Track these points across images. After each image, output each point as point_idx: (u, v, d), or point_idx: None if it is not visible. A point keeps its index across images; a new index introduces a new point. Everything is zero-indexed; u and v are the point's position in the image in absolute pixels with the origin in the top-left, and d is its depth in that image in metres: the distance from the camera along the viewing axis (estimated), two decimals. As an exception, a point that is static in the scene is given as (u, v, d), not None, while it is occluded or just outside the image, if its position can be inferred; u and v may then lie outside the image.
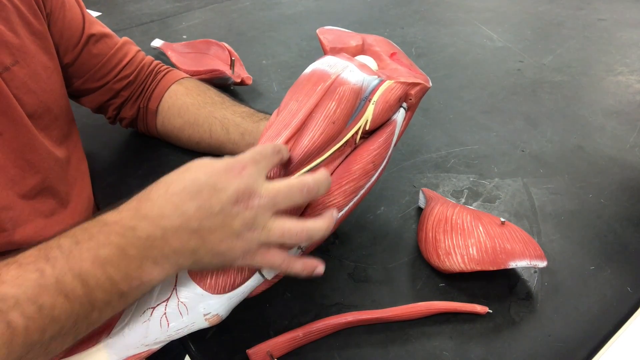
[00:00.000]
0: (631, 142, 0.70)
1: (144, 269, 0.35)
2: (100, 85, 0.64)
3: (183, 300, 0.40)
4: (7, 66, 0.49)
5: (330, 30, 0.54)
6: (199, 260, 0.36)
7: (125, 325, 0.40)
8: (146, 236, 0.35)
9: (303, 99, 0.45)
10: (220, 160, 0.37)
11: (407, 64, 0.53)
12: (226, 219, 0.35)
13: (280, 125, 0.44)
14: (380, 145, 0.46)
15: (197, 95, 0.66)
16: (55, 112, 0.55)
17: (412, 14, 1.16)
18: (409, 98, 0.48)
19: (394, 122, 0.48)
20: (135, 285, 0.35)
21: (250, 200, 0.36)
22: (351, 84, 0.45)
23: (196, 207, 0.35)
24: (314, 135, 0.43)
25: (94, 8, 1.23)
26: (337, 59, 0.47)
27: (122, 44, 0.65)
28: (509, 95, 0.83)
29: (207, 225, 0.35)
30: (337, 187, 0.45)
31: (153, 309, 0.40)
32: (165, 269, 0.36)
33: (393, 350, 0.45)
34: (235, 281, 0.41)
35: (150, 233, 0.35)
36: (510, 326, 0.46)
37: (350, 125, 0.45)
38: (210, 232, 0.35)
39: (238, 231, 0.36)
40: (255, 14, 1.19)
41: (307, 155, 0.43)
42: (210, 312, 0.41)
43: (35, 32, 0.53)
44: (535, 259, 0.47)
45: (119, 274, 0.34)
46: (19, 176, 0.49)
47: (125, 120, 0.69)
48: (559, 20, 1.10)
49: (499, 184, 0.63)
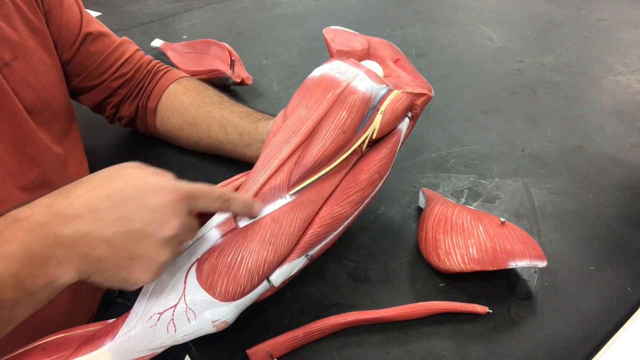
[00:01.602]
0: (631, 142, 0.70)
1: (48, 269, 0.33)
2: (98, 83, 0.64)
3: (191, 307, 0.40)
4: (7, 61, 0.49)
5: (336, 30, 0.54)
6: (101, 272, 0.35)
7: (131, 329, 0.39)
8: (54, 234, 0.33)
9: (313, 106, 0.45)
10: (152, 175, 0.36)
11: (411, 70, 0.54)
12: (145, 241, 0.34)
13: (289, 132, 0.44)
14: (386, 156, 0.47)
15: (195, 95, 0.66)
16: (54, 108, 0.55)
17: (412, 14, 1.16)
18: (414, 108, 0.49)
19: (399, 132, 0.48)
20: (41, 285, 0.33)
21: (165, 228, 0.35)
22: (361, 92, 0.45)
23: (116, 216, 0.33)
24: (325, 144, 0.44)
25: (94, 8, 1.23)
26: (346, 65, 0.47)
27: (120, 43, 0.66)
28: (508, 95, 0.83)
29: (122, 238, 0.33)
30: (344, 197, 0.45)
31: (160, 315, 0.39)
32: (68, 272, 0.34)
33: (393, 350, 0.45)
34: (245, 289, 0.41)
35: (59, 231, 0.33)
36: (510, 326, 0.46)
37: (358, 134, 0.46)
38: (123, 248, 0.34)
39: (154, 258, 0.35)
40: (255, 14, 1.19)
41: (317, 164, 0.43)
42: (219, 319, 0.41)
43: (35, 29, 0.54)
44: (535, 259, 0.47)
45: (23, 271, 0.32)
46: (18, 170, 0.50)
47: (124, 119, 0.69)
48: (559, 20, 1.10)
49: (499, 184, 0.63)
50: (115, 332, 0.40)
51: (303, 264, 0.44)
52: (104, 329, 0.41)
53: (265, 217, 0.42)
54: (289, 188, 0.43)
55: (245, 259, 0.41)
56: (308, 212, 0.43)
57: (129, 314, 0.41)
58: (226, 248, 0.41)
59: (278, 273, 0.43)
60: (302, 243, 0.43)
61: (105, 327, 0.41)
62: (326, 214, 0.44)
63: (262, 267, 0.41)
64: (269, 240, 0.41)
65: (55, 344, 0.40)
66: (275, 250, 0.41)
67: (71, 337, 0.40)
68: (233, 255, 0.41)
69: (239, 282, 0.40)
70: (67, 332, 0.41)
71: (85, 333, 0.41)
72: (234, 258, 0.40)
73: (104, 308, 0.69)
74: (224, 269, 0.40)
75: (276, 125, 0.47)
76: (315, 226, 0.44)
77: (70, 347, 0.39)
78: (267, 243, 0.41)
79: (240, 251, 0.41)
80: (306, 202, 0.43)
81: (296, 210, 0.43)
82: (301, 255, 0.44)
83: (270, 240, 0.41)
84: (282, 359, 0.44)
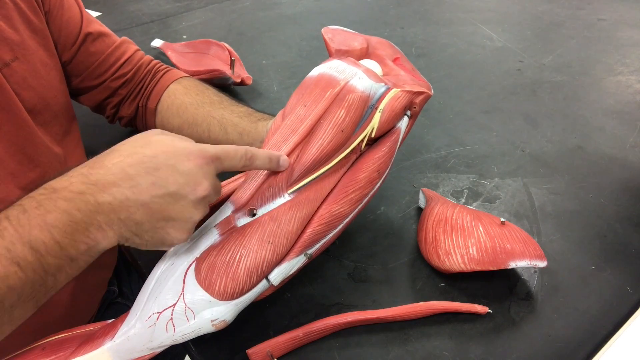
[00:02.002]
0: (631, 142, 0.70)
1: (90, 234, 0.35)
2: (98, 83, 0.64)
3: (190, 306, 0.40)
4: (7, 62, 0.49)
5: (335, 30, 0.54)
6: (140, 234, 0.37)
7: (130, 329, 0.39)
8: (94, 201, 0.35)
9: (311, 105, 0.45)
10: (179, 140, 0.38)
11: (410, 69, 0.54)
12: (180, 203, 0.37)
13: (287, 131, 0.44)
14: (385, 154, 0.47)
15: (195, 95, 0.66)
16: (54, 109, 0.55)
17: (412, 14, 1.16)
18: (413, 107, 0.49)
19: (397, 130, 0.48)
20: (83, 250, 0.36)
21: (198, 189, 0.37)
22: (360, 91, 0.45)
23: (151, 182, 0.36)
24: (323, 142, 0.43)
25: (94, 8, 1.23)
26: (345, 64, 0.47)
27: (120, 43, 0.66)
28: (508, 95, 0.83)
29: (158, 201, 0.36)
30: (343, 196, 0.45)
31: (159, 314, 0.39)
32: (109, 236, 0.36)
33: (393, 350, 0.45)
34: (244, 288, 0.41)
35: (98, 199, 0.35)
36: (510, 326, 0.46)
37: (357, 133, 0.46)
38: (160, 211, 0.36)
39: (188, 218, 0.37)
40: (255, 14, 1.19)
41: (315, 162, 0.43)
42: (218, 318, 0.41)
43: (35, 30, 0.54)
44: (535, 259, 0.47)
45: (66, 238, 0.35)
46: (18, 169, 0.50)
47: (124, 119, 0.69)
48: (559, 20, 1.10)
49: (499, 184, 0.63)
50: (115, 331, 0.40)
51: (302, 262, 0.44)
52: (104, 328, 0.41)
53: (264, 216, 0.42)
54: (287, 187, 0.43)
55: (244, 258, 0.40)
56: (307, 211, 0.43)
57: (128, 314, 0.40)
58: (225, 247, 0.41)
59: (277, 272, 0.43)
60: (301, 242, 0.43)
61: (104, 326, 0.41)
62: (325, 212, 0.44)
63: (261, 265, 0.41)
64: (267, 239, 0.41)
65: (55, 344, 0.40)
66: (274, 249, 0.41)
67: (71, 337, 0.40)
68: (232, 254, 0.41)
69: (237, 281, 0.40)
70: (66, 333, 0.41)
71: (85, 333, 0.41)
72: (233, 257, 0.40)
73: (104, 308, 0.69)
74: (223, 268, 0.40)
75: (275, 124, 0.47)
76: (314, 225, 0.44)
77: (70, 347, 0.39)
78: (266, 242, 0.41)
79: (239, 250, 0.41)
80: (305, 200, 0.43)
81: (295, 209, 0.43)
82: (300, 254, 0.43)
83: (269, 239, 0.41)
84: (282, 359, 0.44)
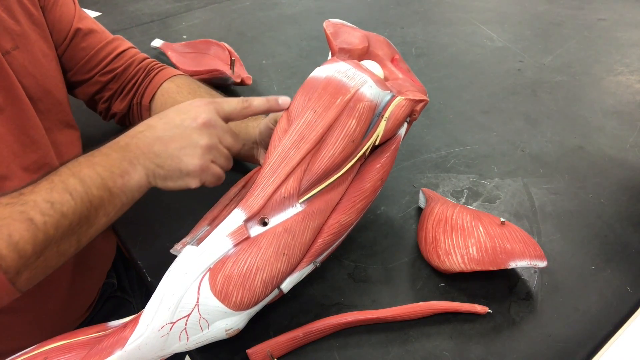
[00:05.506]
0: (631, 142, 0.70)
1: (123, 168, 0.45)
2: (89, 77, 0.65)
3: (205, 317, 0.40)
4: (8, 50, 0.51)
5: (337, 24, 0.54)
6: (161, 165, 0.46)
7: (141, 338, 0.39)
8: (124, 143, 0.46)
9: (322, 112, 0.45)
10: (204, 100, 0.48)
11: (405, 69, 0.55)
12: (185, 131, 0.46)
13: (297, 137, 0.44)
14: (388, 163, 0.49)
15: (187, 94, 0.66)
16: (54, 98, 0.57)
17: (412, 14, 1.16)
18: (414, 114, 0.50)
19: (398, 137, 0.49)
20: (120, 184, 0.44)
21: (198, 119, 0.46)
22: (369, 100, 0.46)
23: (163, 122, 0.47)
24: (334, 152, 0.44)
25: (94, 8, 1.23)
26: (354, 69, 0.47)
27: (113, 39, 0.67)
28: (508, 95, 0.83)
29: (169, 134, 0.46)
30: (351, 206, 0.46)
31: (173, 324, 0.39)
32: (137, 169, 0.45)
33: (393, 350, 0.45)
34: (259, 299, 0.42)
35: (127, 141, 0.46)
36: (510, 326, 0.46)
37: (364, 141, 0.46)
38: (171, 140, 0.46)
39: (195, 142, 0.46)
40: (255, 14, 1.19)
41: (325, 172, 0.44)
42: (232, 327, 0.41)
43: (35, 22, 0.56)
44: (535, 259, 0.47)
45: (106, 172, 0.44)
46: (21, 150, 0.52)
47: (117, 115, 0.69)
48: (559, 20, 1.10)
49: (499, 184, 0.63)
50: (125, 340, 0.39)
51: (310, 270, 0.46)
52: (111, 336, 0.40)
53: (278, 227, 0.43)
54: (298, 196, 0.44)
55: (260, 270, 0.41)
56: (318, 222, 0.44)
57: (137, 322, 0.40)
58: (240, 258, 0.41)
59: (289, 281, 0.44)
60: (312, 252, 0.44)
61: (111, 334, 0.40)
62: (334, 222, 0.45)
63: (276, 277, 0.42)
64: (282, 251, 0.42)
65: (57, 352, 0.39)
66: (288, 260, 0.42)
67: (72, 344, 0.40)
68: (248, 266, 0.41)
69: (254, 293, 0.41)
70: (67, 339, 0.40)
71: (88, 340, 0.40)
72: (249, 269, 0.41)
73: (102, 301, 0.69)
74: (239, 280, 0.40)
75: (281, 127, 0.46)
76: (325, 235, 0.45)
77: (74, 356, 0.38)
78: (281, 254, 0.42)
79: (255, 262, 0.41)
80: (316, 211, 0.44)
81: (307, 220, 0.43)
82: (310, 263, 0.45)
83: (284, 251, 0.42)
84: (282, 359, 0.44)
